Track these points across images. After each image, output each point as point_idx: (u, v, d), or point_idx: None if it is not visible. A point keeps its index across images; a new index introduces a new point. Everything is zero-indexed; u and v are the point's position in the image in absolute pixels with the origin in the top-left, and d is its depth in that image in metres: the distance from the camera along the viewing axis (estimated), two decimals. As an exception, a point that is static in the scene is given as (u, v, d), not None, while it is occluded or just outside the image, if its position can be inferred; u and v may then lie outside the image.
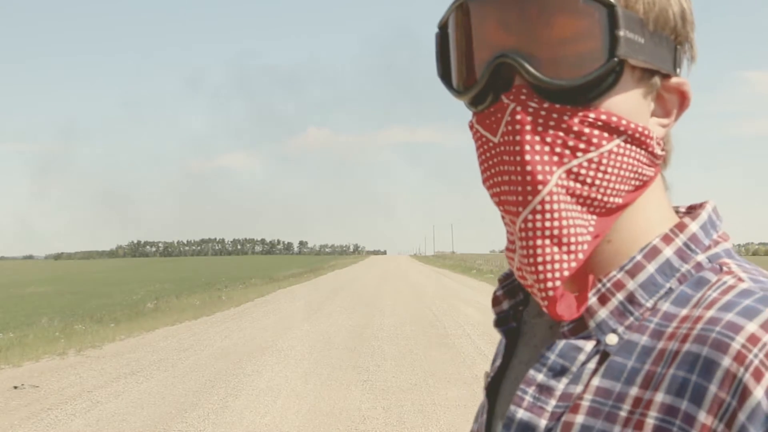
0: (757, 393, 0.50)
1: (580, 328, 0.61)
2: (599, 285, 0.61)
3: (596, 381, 0.58)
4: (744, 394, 0.51)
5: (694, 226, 0.63)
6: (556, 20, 0.58)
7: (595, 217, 0.60)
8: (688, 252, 0.61)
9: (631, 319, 0.60)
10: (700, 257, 0.61)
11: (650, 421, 0.54)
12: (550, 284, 0.59)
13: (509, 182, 0.59)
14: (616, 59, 0.58)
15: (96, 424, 7.07)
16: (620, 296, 0.60)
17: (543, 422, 0.60)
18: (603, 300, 0.61)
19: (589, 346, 0.60)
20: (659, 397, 0.54)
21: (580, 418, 0.57)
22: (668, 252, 0.61)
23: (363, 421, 6.95)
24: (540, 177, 0.58)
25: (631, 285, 0.60)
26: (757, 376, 0.51)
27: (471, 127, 0.64)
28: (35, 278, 53.11)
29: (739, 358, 0.52)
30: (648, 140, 0.61)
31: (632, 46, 0.58)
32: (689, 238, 0.62)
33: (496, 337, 12.55)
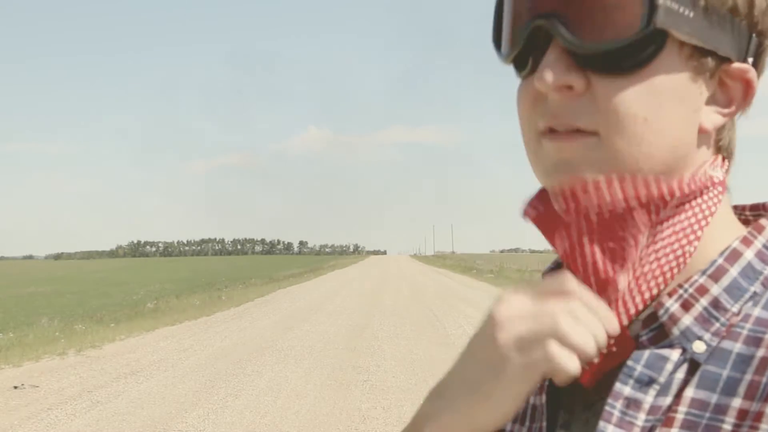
0: None
1: (660, 336, 0.58)
2: (681, 291, 0.58)
3: (690, 392, 0.55)
4: None
5: None
6: None
7: None
8: None
9: (717, 325, 0.57)
10: None
11: None
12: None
13: None
14: (653, 27, 0.55)
15: (96, 424, 7.07)
16: (704, 302, 0.57)
17: None
18: (686, 306, 0.58)
19: (675, 354, 0.57)
20: None
21: None
22: (749, 254, 0.59)
23: (363, 421, 6.95)
24: None
25: (715, 290, 0.58)
26: None
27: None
28: (35, 278, 53.13)
29: None
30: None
31: (675, 18, 0.55)
32: None
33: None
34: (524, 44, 0.60)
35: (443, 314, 16.82)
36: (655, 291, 0.58)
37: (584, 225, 0.59)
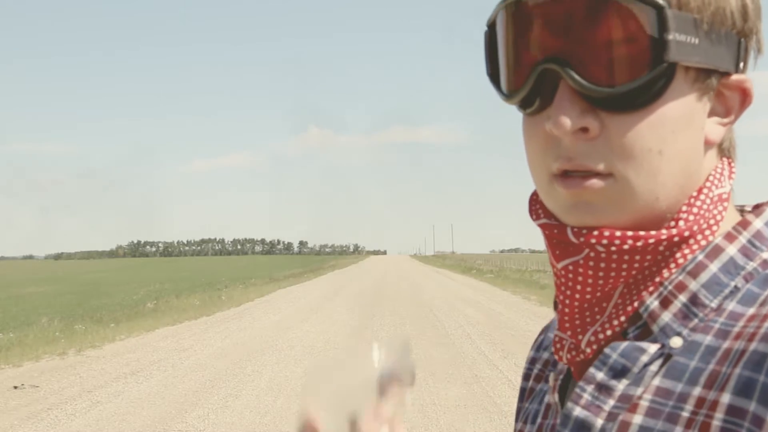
0: None
1: (645, 333, 0.60)
2: (660, 288, 0.59)
3: (657, 381, 0.57)
4: None
5: (758, 223, 0.60)
6: (603, 23, 0.56)
7: None
8: (753, 249, 0.59)
9: (696, 320, 0.58)
10: (767, 254, 0.59)
11: (716, 423, 0.51)
12: None
13: None
14: (665, 64, 0.55)
15: (96, 424, 7.07)
16: (683, 298, 0.58)
17: (599, 422, 0.58)
18: (665, 303, 0.59)
19: (653, 348, 0.58)
20: (725, 398, 0.52)
21: (638, 419, 0.56)
22: (732, 250, 0.59)
23: (363, 421, 6.95)
24: None
25: (694, 286, 0.59)
26: None
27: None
28: (35, 278, 53.12)
29: None
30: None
31: (684, 49, 0.56)
32: (753, 235, 0.60)
33: (495, 337, 12.57)
34: (533, 86, 0.59)
35: (443, 314, 16.82)
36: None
37: (591, 254, 0.60)
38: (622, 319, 0.60)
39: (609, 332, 0.61)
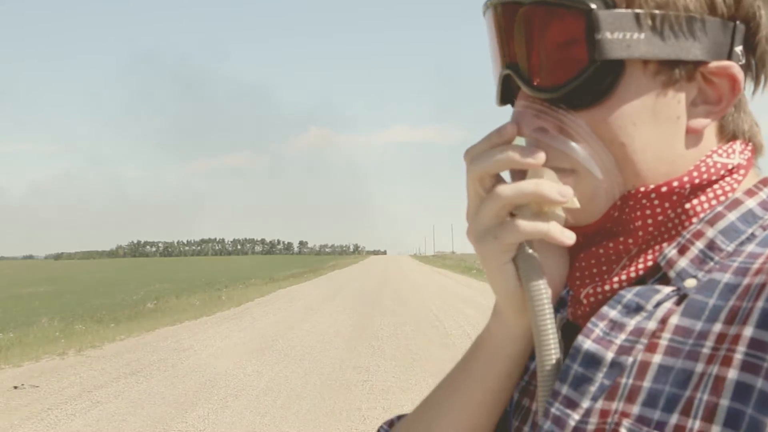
0: None
1: (664, 283, 0.60)
2: (679, 238, 0.61)
3: (675, 320, 0.57)
4: None
5: None
6: (546, 30, 0.60)
7: None
8: None
9: (711, 264, 0.59)
10: None
11: (738, 357, 0.51)
12: None
13: None
14: (597, 62, 0.58)
15: (96, 424, 7.07)
16: (700, 244, 0.60)
17: (610, 354, 0.58)
18: (683, 250, 0.60)
19: (667, 289, 0.59)
20: (747, 331, 0.52)
21: (657, 358, 0.56)
22: (751, 203, 0.61)
23: (363, 421, 6.95)
24: None
25: (711, 232, 0.60)
26: None
27: None
28: (35, 278, 53.12)
29: None
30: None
31: (623, 45, 0.58)
32: None
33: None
34: (502, 90, 0.65)
35: (443, 314, 16.82)
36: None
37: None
38: (624, 277, 0.61)
39: (608, 287, 0.62)
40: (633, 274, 0.61)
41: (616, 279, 0.62)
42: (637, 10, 0.58)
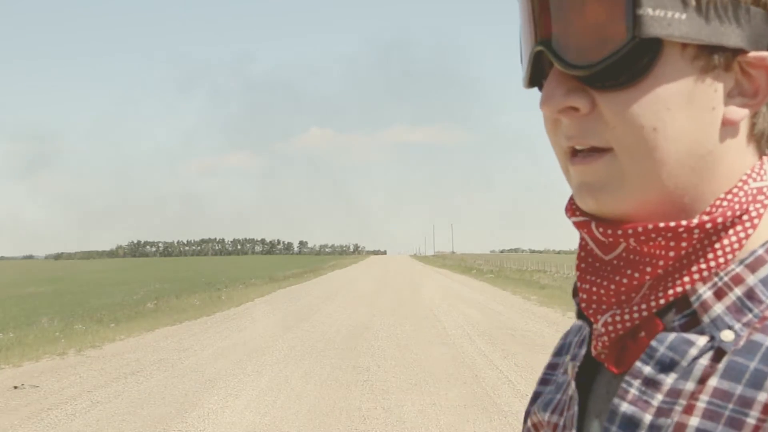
0: None
1: (692, 323, 0.58)
2: (716, 279, 0.57)
3: (713, 381, 0.54)
4: None
5: None
6: (584, 4, 0.57)
7: None
8: None
9: (750, 316, 0.56)
10: None
11: None
12: None
13: None
14: (636, 39, 0.55)
15: (96, 424, 7.07)
16: (738, 291, 0.56)
17: (648, 417, 0.56)
18: (719, 294, 0.57)
19: (702, 340, 0.56)
20: None
21: (695, 421, 0.53)
22: None
23: (363, 421, 6.95)
24: None
25: (751, 280, 0.56)
26: None
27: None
28: (35, 278, 53.13)
29: None
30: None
31: (664, 24, 0.55)
32: None
33: (495, 337, 12.57)
34: (532, 69, 0.61)
35: (443, 314, 16.82)
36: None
37: (627, 248, 0.60)
38: (644, 306, 0.59)
39: (628, 316, 0.59)
40: (654, 303, 0.59)
41: (636, 308, 0.59)
42: None
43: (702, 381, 0.55)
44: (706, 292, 0.57)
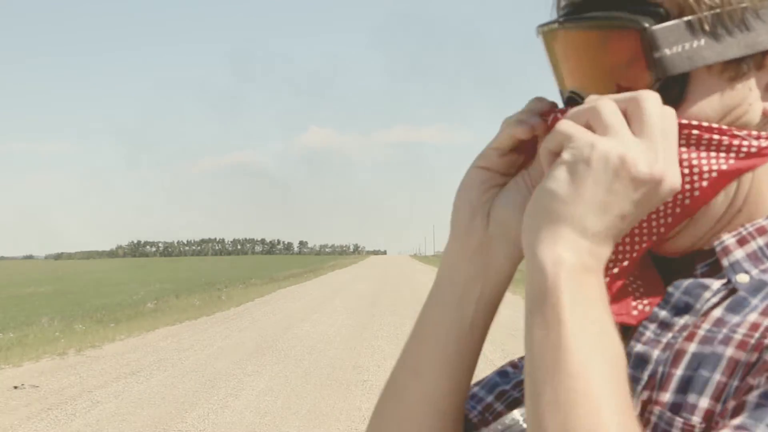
0: None
1: (713, 271, 0.60)
2: (741, 229, 0.60)
3: (717, 313, 0.56)
4: None
5: None
6: (604, 55, 0.59)
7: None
8: None
9: (767, 264, 0.58)
10: None
11: None
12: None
13: None
14: (661, 80, 0.57)
15: (96, 424, 7.07)
16: (761, 241, 0.59)
17: (656, 352, 0.58)
18: (742, 242, 0.59)
19: (717, 284, 0.58)
20: None
21: (693, 347, 0.55)
22: None
23: (363, 421, 6.95)
24: None
25: None
26: None
27: None
28: (35, 278, 53.13)
29: None
30: (731, 139, 0.58)
31: (683, 57, 0.57)
32: None
33: (494, 337, 12.55)
34: (566, 104, 0.63)
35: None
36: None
37: None
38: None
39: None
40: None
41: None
42: (690, 17, 0.57)
43: (706, 314, 0.57)
44: (729, 239, 0.60)
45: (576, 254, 0.53)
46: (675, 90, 0.58)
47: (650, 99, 0.54)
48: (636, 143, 0.53)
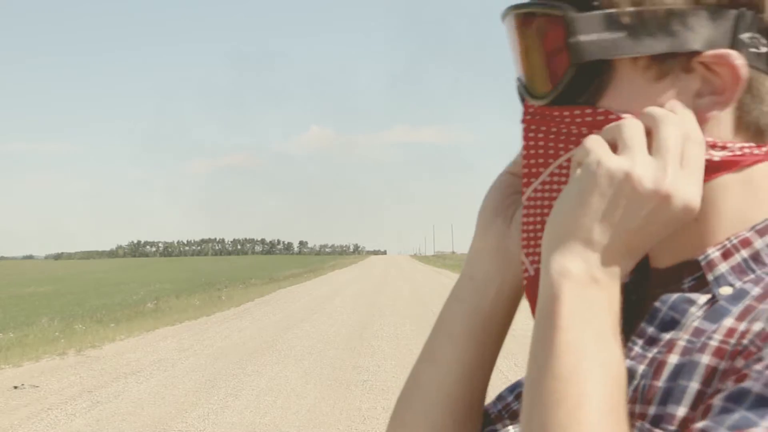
0: None
1: (700, 285, 0.60)
2: (725, 242, 0.60)
3: (696, 323, 0.57)
4: None
5: None
6: (534, 39, 0.63)
7: None
8: None
9: (752, 276, 0.58)
10: None
11: (752, 349, 0.51)
12: (529, 268, 0.66)
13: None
14: (575, 65, 0.59)
15: (96, 424, 7.07)
16: (745, 253, 0.59)
17: (642, 367, 0.58)
18: (726, 255, 0.59)
19: (703, 299, 0.58)
20: (757, 326, 0.52)
21: (674, 358, 0.56)
22: None
23: (363, 421, 6.95)
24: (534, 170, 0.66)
25: (759, 243, 0.59)
26: None
27: None
28: (35, 278, 53.15)
29: None
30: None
31: (599, 46, 0.59)
32: None
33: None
34: (520, 95, 0.67)
35: (443, 314, 16.80)
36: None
37: None
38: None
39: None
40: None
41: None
42: (612, 10, 0.58)
43: (689, 326, 0.58)
44: (714, 252, 0.60)
45: (583, 266, 0.56)
46: (596, 80, 0.60)
47: (668, 119, 0.56)
48: (647, 161, 0.55)
